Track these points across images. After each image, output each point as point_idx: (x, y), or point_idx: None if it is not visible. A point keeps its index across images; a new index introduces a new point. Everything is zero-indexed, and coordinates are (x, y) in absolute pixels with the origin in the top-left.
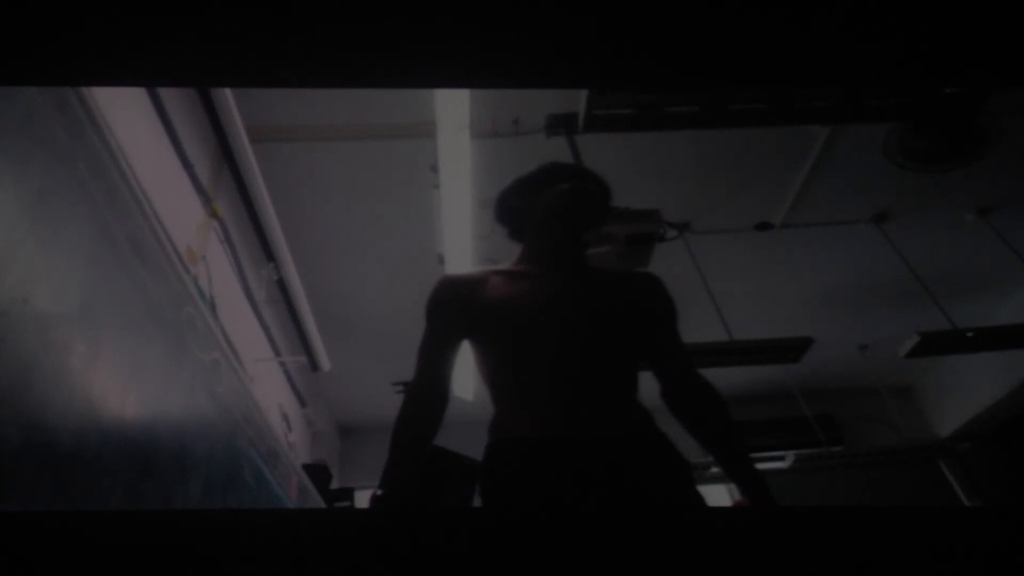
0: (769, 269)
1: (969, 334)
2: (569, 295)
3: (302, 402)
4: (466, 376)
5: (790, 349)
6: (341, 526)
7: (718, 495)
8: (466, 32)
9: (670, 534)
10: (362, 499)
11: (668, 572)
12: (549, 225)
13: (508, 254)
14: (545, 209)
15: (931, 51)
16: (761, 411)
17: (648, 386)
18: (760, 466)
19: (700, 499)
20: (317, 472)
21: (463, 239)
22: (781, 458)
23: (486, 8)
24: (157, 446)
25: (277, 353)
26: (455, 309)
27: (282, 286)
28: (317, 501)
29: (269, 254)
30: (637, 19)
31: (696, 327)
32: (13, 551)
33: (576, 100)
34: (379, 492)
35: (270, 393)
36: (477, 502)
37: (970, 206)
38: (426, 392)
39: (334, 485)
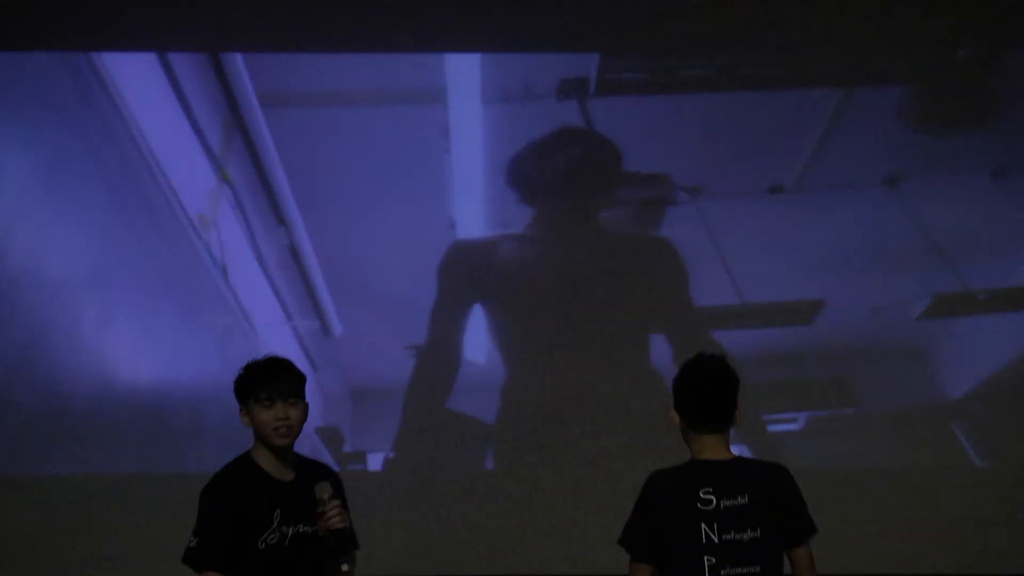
0: (781, 232)
1: (982, 296)
2: (581, 260)
3: (314, 366)
4: (478, 340)
5: (801, 312)
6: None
7: None
8: None
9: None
10: (375, 462)
11: None
12: (561, 190)
13: (520, 219)
14: (557, 174)
15: (943, 13)
16: (772, 374)
17: (661, 351)
18: (771, 429)
19: None
20: (330, 436)
21: (475, 204)
22: (792, 420)
23: None
24: (170, 411)
25: (289, 318)
26: (466, 274)
27: (293, 251)
28: (331, 464)
29: (280, 219)
30: None
31: (707, 290)
32: (30, 512)
33: (588, 64)
34: (391, 455)
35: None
36: (489, 465)
37: (984, 169)
38: (437, 356)
39: (347, 448)
